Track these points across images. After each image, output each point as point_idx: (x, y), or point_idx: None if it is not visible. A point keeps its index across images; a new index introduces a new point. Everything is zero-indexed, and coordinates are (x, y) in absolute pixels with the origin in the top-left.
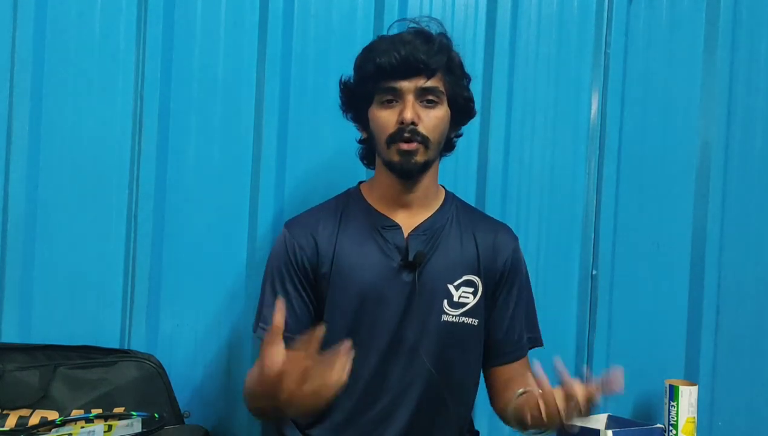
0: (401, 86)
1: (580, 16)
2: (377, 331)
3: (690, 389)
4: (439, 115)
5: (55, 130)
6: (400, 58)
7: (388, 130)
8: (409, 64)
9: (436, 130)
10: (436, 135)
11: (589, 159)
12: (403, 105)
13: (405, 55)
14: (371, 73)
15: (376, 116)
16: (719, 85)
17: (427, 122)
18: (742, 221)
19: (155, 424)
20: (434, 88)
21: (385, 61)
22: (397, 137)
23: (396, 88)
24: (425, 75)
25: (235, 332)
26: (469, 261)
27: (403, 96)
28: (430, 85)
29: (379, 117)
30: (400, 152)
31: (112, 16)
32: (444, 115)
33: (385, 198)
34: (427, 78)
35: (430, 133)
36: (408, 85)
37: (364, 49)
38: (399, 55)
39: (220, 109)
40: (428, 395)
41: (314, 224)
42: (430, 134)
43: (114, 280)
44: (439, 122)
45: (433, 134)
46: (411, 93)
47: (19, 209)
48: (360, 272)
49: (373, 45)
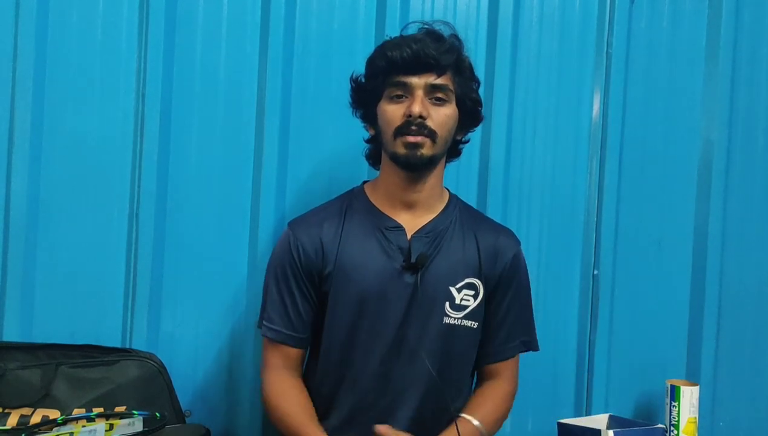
0: (411, 81)
1: (581, 16)
2: (379, 331)
3: (691, 389)
4: (448, 112)
5: (56, 129)
6: (411, 53)
7: (395, 123)
8: (419, 60)
9: (444, 127)
10: (444, 131)
11: (590, 159)
12: (412, 100)
13: (416, 51)
14: (382, 67)
15: (385, 110)
16: (721, 85)
17: (436, 118)
18: (743, 221)
19: (156, 423)
20: (444, 85)
21: (396, 55)
22: (404, 130)
23: (406, 83)
24: (435, 72)
25: (236, 331)
26: (471, 264)
27: (413, 91)
28: (440, 82)
29: (387, 111)
30: (407, 145)
31: (113, 15)
32: (452, 114)
33: (389, 198)
34: (437, 75)
35: (438, 128)
36: (417, 81)
37: (376, 48)
38: (410, 50)
39: (222, 108)
40: (428, 396)
41: (318, 224)
42: (438, 129)
43: (115, 279)
44: (447, 119)
45: (441, 129)
46: (420, 89)
47: (21, 208)
48: (363, 272)
49: (385, 42)
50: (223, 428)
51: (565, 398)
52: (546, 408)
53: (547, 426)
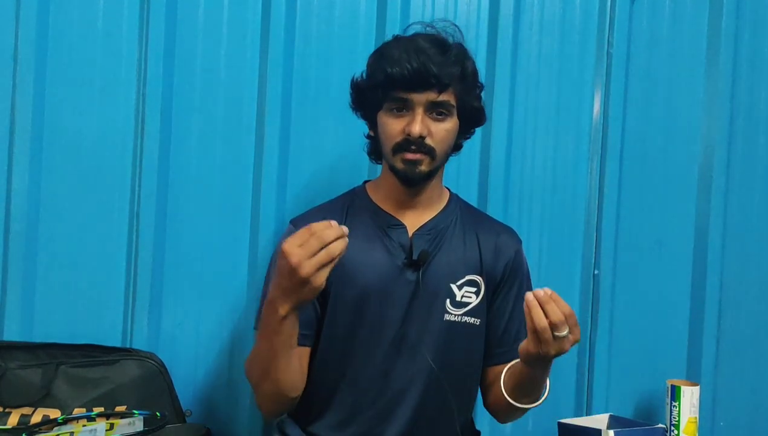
0: (411, 98)
1: (582, 15)
2: (380, 328)
3: (692, 389)
4: (448, 127)
5: (57, 129)
6: (413, 70)
7: (394, 139)
8: (421, 77)
9: (443, 143)
10: (443, 146)
11: (591, 158)
12: (412, 117)
13: (417, 68)
14: (381, 81)
15: (384, 123)
16: (722, 84)
17: (436, 135)
18: (744, 221)
19: (157, 423)
20: (445, 102)
21: (396, 72)
22: (404, 147)
23: (406, 99)
24: (437, 89)
25: (237, 330)
26: (472, 261)
27: (413, 108)
28: (441, 99)
29: (386, 124)
30: (405, 161)
31: (114, 15)
32: (452, 128)
33: (390, 198)
34: (438, 92)
35: (437, 145)
36: (419, 98)
37: (376, 51)
38: (411, 67)
39: (222, 108)
40: (429, 393)
41: (321, 220)
42: (437, 146)
43: (116, 278)
44: (447, 135)
45: (440, 146)
46: (421, 106)
47: (22, 208)
48: (364, 269)
49: (386, 49)
50: (223, 428)
51: (565, 398)
52: (546, 408)
53: (548, 426)
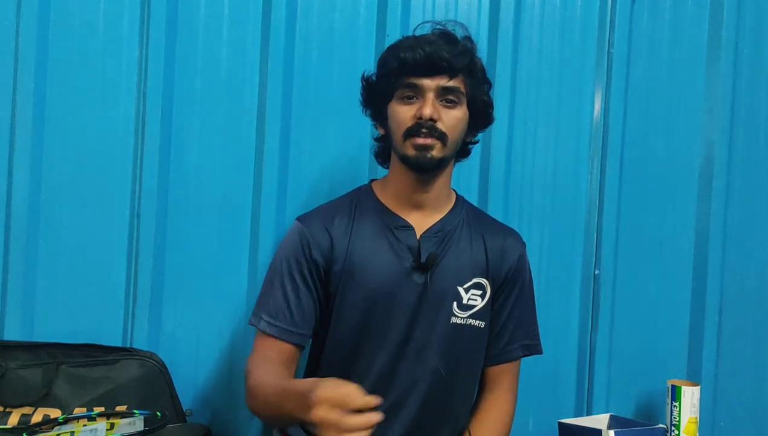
0: (422, 83)
1: (583, 15)
2: (387, 330)
3: (692, 389)
4: (458, 115)
5: (57, 128)
6: (424, 54)
7: (405, 125)
8: (432, 62)
9: (454, 130)
10: (454, 134)
11: (591, 159)
12: (423, 102)
13: (429, 53)
14: (394, 68)
15: (395, 111)
16: (722, 85)
17: (446, 120)
18: (745, 221)
19: (157, 422)
20: (455, 88)
21: (408, 57)
22: (414, 132)
23: (417, 84)
24: (447, 74)
25: (237, 330)
26: (478, 264)
27: (424, 93)
28: (452, 85)
29: (397, 111)
30: (416, 147)
31: (114, 14)
32: (463, 116)
33: (398, 198)
34: (449, 77)
35: (448, 131)
36: (429, 83)
37: (388, 47)
38: (423, 52)
39: (223, 107)
40: (433, 394)
41: (329, 219)
42: (448, 132)
43: (116, 278)
44: (457, 122)
45: (451, 132)
46: (432, 91)
47: (23, 207)
48: (372, 271)
49: (398, 42)
50: (223, 428)
51: (565, 398)
52: (547, 408)
53: (548, 426)
